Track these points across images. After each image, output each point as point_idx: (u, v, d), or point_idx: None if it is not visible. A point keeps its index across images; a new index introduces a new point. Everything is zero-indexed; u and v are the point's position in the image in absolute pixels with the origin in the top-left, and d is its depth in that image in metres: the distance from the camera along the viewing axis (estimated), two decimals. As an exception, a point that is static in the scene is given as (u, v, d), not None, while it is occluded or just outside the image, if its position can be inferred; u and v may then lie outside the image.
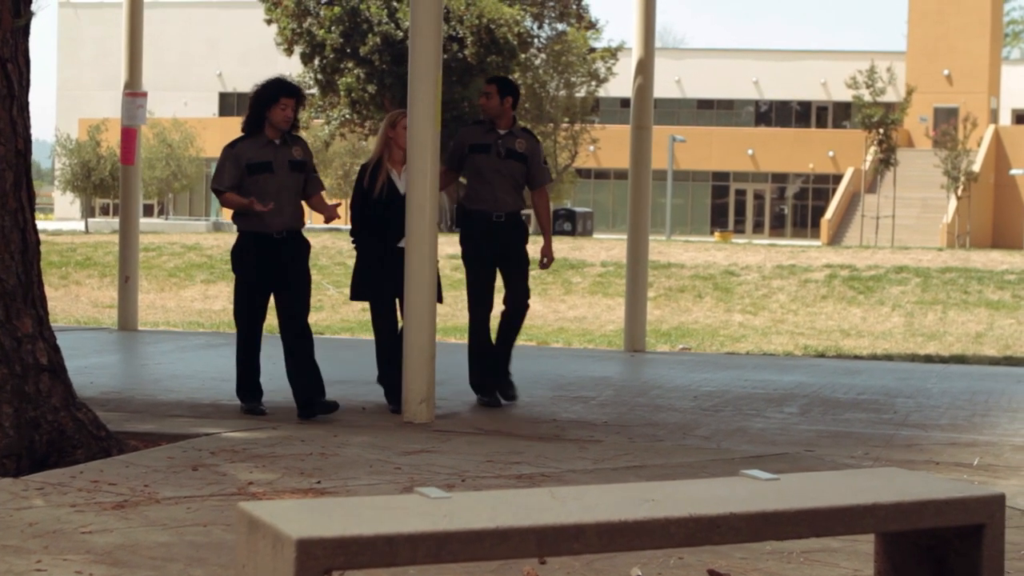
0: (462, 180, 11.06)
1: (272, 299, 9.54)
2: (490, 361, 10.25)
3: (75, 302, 22.09)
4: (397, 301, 9.78)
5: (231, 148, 9.51)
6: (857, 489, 4.68)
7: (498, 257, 10.08)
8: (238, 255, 9.49)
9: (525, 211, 10.42)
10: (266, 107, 9.37)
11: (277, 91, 9.41)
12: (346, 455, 7.93)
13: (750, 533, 4.35)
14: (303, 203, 9.65)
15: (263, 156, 9.37)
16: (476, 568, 5.39)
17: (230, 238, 32.61)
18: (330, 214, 9.53)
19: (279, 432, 8.65)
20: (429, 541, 3.92)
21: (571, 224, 50.06)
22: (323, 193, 9.92)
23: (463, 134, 10.26)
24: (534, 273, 10.03)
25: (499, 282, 10.27)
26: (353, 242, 9.92)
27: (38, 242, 7.83)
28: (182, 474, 7.23)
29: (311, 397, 9.39)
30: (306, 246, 9.60)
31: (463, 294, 24.11)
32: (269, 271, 9.36)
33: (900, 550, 4.90)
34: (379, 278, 9.74)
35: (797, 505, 4.44)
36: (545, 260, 10.30)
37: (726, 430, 9.35)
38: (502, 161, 9.98)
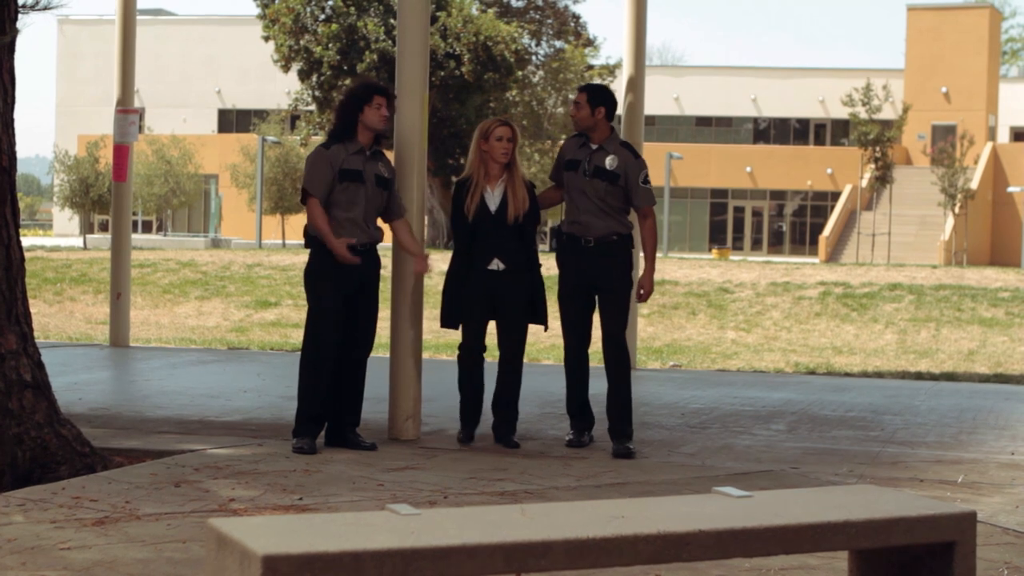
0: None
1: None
2: (580, 389, 9.25)
3: (69, 318, 22.10)
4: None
5: (325, 149, 8.73)
6: (829, 506, 4.70)
7: (591, 287, 9.01)
8: (315, 271, 8.69)
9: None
10: (359, 109, 8.66)
11: (370, 90, 8.69)
12: (329, 472, 7.93)
13: (719, 550, 4.36)
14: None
15: (355, 164, 8.66)
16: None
17: (225, 255, 32.72)
18: (416, 264, 9.03)
19: (264, 449, 8.66)
20: (395, 558, 3.94)
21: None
22: (407, 224, 9.06)
23: (563, 147, 9.30)
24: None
25: None
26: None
27: (22, 259, 7.84)
28: (164, 490, 7.24)
29: (348, 427, 8.84)
30: (379, 264, 8.91)
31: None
32: (345, 283, 8.63)
33: (874, 567, 4.92)
34: (467, 302, 8.96)
35: (767, 522, 4.45)
36: (642, 292, 9.12)
37: (712, 447, 9.35)
38: (587, 180, 8.93)
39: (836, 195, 63.62)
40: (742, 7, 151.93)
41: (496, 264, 8.87)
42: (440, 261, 30.63)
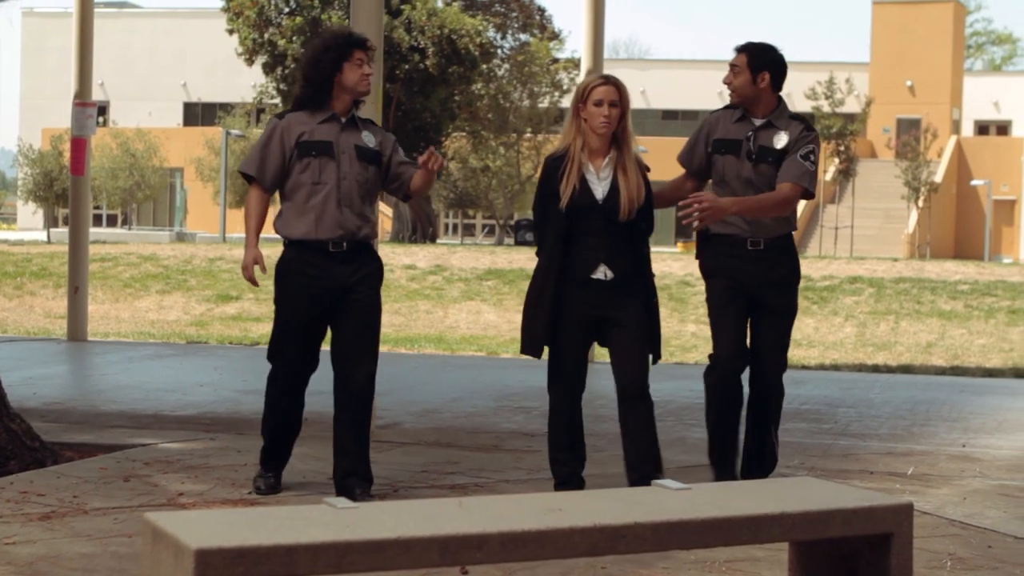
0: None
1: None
2: (730, 433, 7.46)
3: (29, 313, 22.02)
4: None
5: (279, 119, 6.99)
6: (766, 498, 4.73)
7: (750, 296, 7.19)
8: (280, 273, 6.95)
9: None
10: (336, 68, 6.88)
11: (350, 44, 6.93)
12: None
13: (655, 542, 4.38)
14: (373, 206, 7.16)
15: (323, 134, 6.88)
16: (396, 578, 5.40)
17: (187, 249, 32.65)
18: (431, 164, 6.83)
19: (216, 443, 8.65)
20: (330, 551, 3.94)
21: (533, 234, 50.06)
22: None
23: (708, 122, 7.35)
24: (496, 282, 8.58)
25: None
26: None
27: (-29, 253, 7.81)
28: (113, 485, 7.22)
29: (349, 477, 7.09)
30: (376, 267, 7.02)
31: (416, 305, 23.86)
32: (317, 297, 6.88)
33: (813, 559, 4.94)
34: (563, 323, 6.84)
35: (704, 514, 4.47)
36: (702, 203, 6.80)
37: (665, 440, 9.29)
38: (753, 166, 7.11)
39: (801, 188, 63.63)
40: (708, 1, 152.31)
41: (603, 272, 6.79)
42: (403, 255, 30.66)
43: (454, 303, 23.94)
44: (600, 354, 15.35)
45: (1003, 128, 69.71)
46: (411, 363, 14.34)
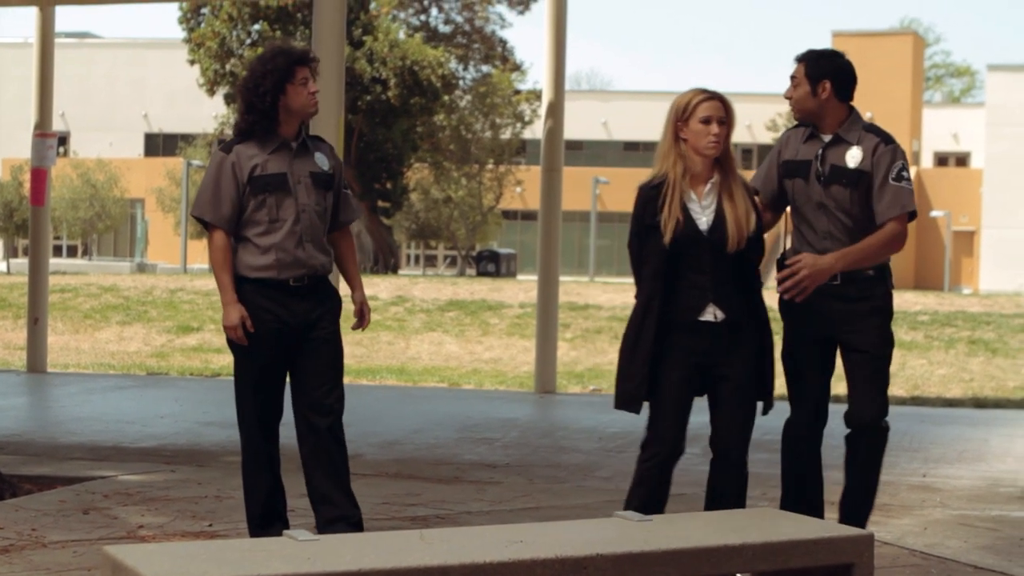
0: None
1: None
2: (811, 488, 6.52)
3: (-13, 344, 21.89)
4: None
5: (226, 152, 6.32)
6: (727, 530, 4.74)
7: (834, 339, 6.35)
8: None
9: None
10: (279, 90, 6.27)
11: (292, 62, 6.32)
12: (241, 498, 7.87)
13: (617, 574, 4.38)
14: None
15: (276, 166, 6.30)
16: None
17: (148, 280, 32.50)
18: (357, 306, 6.57)
19: (176, 475, 8.61)
20: (290, 584, 3.93)
21: (495, 265, 50.16)
22: (352, 240, 6.79)
23: (778, 142, 6.58)
24: (458, 313, 8.48)
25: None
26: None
27: (-71, 284, 7.76)
28: (72, 518, 7.18)
29: (338, 522, 6.41)
30: (336, 302, 6.52)
31: (378, 336, 23.84)
32: (280, 335, 6.32)
33: (774, 590, 4.96)
34: (659, 376, 5.90)
35: (665, 546, 4.48)
36: (797, 263, 6.15)
37: (628, 471, 9.25)
38: (824, 189, 6.27)
39: (762, 220, 63.88)
40: (669, 33, 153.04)
41: (712, 313, 5.91)
42: (364, 286, 30.54)
43: (416, 334, 23.91)
44: (561, 385, 15.41)
45: (962, 160, 70.24)
46: (372, 394, 14.32)
